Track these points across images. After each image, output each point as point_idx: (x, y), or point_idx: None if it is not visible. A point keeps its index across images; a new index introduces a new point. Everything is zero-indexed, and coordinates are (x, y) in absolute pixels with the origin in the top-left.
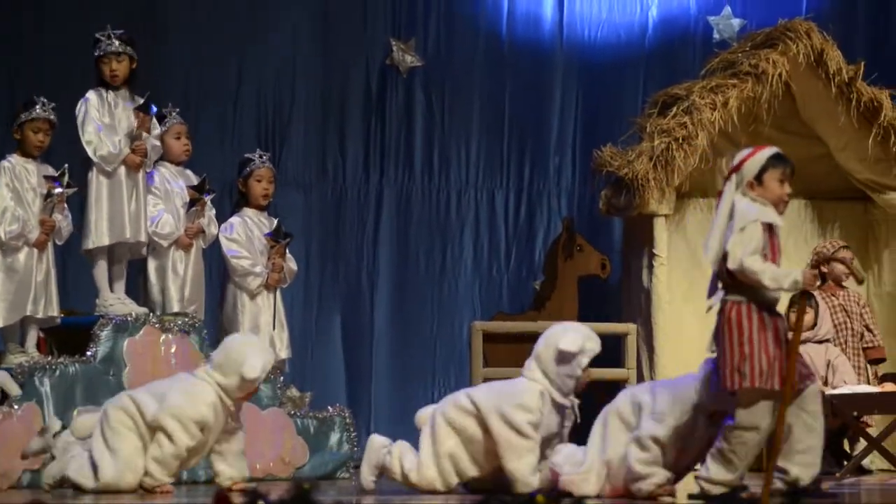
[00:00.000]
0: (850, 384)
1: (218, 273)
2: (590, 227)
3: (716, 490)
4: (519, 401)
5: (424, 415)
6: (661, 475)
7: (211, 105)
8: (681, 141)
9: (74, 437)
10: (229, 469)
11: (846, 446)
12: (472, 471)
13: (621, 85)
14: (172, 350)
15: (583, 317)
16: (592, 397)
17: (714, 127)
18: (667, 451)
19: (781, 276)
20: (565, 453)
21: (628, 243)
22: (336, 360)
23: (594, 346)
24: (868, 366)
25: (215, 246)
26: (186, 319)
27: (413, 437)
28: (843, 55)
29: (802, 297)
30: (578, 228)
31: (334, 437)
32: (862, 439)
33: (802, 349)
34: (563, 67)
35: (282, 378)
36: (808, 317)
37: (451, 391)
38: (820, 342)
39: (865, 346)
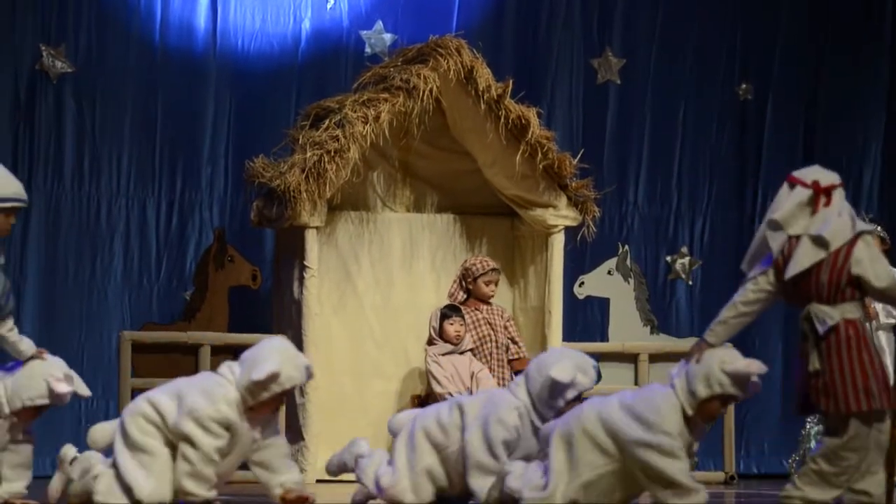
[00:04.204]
0: None
1: None
2: (241, 237)
3: None
4: (498, 415)
5: (401, 420)
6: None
7: None
8: (333, 153)
9: (93, 449)
10: (277, 476)
11: None
12: (444, 484)
13: (275, 96)
14: None
15: (234, 327)
16: None
17: (366, 140)
18: None
19: None
20: (520, 475)
21: (280, 254)
22: None
23: (585, 381)
24: (514, 377)
25: None
26: None
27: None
28: (492, 73)
29: None
30: (230, 239)
31: None
32: None
33: (447, 361)
34: (217, 77)
35: None
36: (463, 329)
37: (98, 400)
38: (462, 353)
39: (511, 357)
